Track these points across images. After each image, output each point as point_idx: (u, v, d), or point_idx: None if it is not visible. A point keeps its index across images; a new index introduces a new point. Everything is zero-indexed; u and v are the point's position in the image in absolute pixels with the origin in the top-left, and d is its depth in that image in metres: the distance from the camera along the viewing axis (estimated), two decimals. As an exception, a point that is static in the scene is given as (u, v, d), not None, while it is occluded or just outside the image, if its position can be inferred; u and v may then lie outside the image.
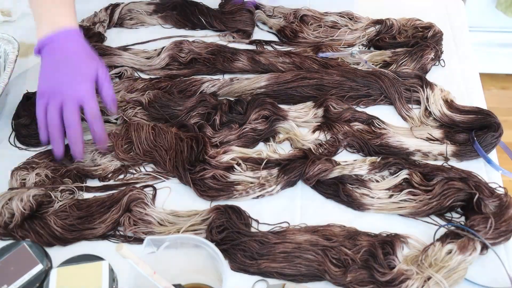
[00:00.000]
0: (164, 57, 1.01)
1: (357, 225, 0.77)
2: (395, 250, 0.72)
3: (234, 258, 0.74)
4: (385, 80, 0.93)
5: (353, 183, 0.81)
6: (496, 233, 0.73)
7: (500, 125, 0.85)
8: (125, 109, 0.92)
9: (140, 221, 0.78)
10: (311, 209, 0.81)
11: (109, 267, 0.69)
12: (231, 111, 0.91)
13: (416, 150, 0.85)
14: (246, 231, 0.76)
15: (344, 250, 0.73)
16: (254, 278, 0.73)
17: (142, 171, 0.86)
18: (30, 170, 0.83)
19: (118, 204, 0.79)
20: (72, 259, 0.69)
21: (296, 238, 0.75)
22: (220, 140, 0.88)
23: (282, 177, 0.82)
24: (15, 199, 0.78)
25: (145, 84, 0.97)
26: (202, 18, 1.09)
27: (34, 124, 0.90)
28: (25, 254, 0.70)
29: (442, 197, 0.77)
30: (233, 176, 0.82)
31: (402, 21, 1.06)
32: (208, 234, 0.76)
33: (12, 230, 0.77)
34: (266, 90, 0.95)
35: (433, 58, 0.98)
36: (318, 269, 0.72)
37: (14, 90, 0.98)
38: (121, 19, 1.12)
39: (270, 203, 0.81)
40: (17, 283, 0.67)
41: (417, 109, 0.93)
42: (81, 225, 0.78)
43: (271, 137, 0.89)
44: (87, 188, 0.84)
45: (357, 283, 0.70)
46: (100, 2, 1.15)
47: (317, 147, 0.87)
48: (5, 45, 0.96)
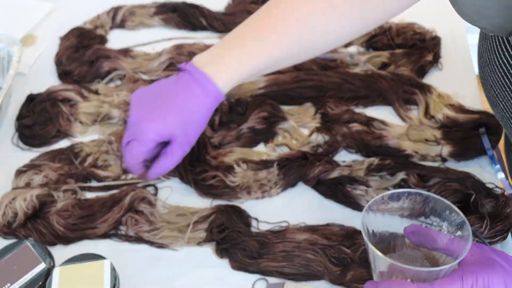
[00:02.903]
0: (164, 60, 1.02)
1: (356, 225, 0.78)
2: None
3: (234, 257, 0.75)
4: (383, 81, 0.94)
5: (352, 184, 0.82)
6: (492, 233, 0.73)
7: (500, 128, 0.85)
8: (126, 110, 0.93)
9: (143, 220, 0.78)
10: (311, 208, 0.81)
11: (111, 266, 0.69)
12: (231, 111, 0.92)
13: (414, 151, 0.86)
14: (246, 231, 0.77)
15: (343, 249, 0.73)
16: (254, 277, 0.74)
17: (144, 171, 0.87)
18: (37, 171, 0.84)
19: (120, 204, 0.79)
20: (74, 258, 0.70)
21: (295, 237, 0.75)
22: (218, 141, 0.89)
23: (283, 178, 0.82)
24: (18, 199, 0.79)
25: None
26: (203, 20, 1.10)
27: (37, 125, 0.91)
28: (28, 253, 0.70)
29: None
30: (234, 177, 0.83)
31: (401, 24, 1.07)
32: (208, 233, 0.77)
33: (15, 230, 0.78)
34: (265, 91, 0.95)
35: (431, 61, 0.99)
36: (317, 268, 0.73)
37: (18, 91, 0.98)
38: (122, 21, 1.13)
39: (270, 203, 0.82)
40: (20, 282, 0.68)
41: (416, 110, 0.93)
42: (83, 225, 0.79)
43: (270, 138, 0.90)
44: (90, 188, 0.84)
45: (356, 282, 0.71)
46: (100, 2, 1.15)
47: (316, 148, 0.87)
48: (8, 47, 0.97)
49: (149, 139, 0.71)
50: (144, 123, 0.71)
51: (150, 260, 0.77)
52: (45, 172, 0.84)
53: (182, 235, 0.77)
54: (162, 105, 0.72)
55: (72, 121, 0.92)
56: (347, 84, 0.95)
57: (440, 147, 0.86)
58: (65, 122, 0.92)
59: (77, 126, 0.92)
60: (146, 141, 0.71)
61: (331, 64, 1.01)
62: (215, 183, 0.82)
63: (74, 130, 0.92)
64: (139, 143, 0.72)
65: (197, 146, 0.85)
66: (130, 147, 0.72)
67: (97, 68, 1.00)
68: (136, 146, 0.72)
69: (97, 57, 1.02)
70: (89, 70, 1.01)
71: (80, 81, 1.00)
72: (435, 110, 0.91)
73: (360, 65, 1.00)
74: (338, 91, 0.95)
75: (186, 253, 0.77)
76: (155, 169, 0.74)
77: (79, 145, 0.89)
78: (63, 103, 0.94)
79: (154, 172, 0.75)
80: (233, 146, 0.89)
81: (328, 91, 0.95)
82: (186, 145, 0.74)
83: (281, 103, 0.95)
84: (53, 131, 0.91)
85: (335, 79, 0.95)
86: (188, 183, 0.83)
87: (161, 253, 0.77)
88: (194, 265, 0.76)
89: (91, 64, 1.02)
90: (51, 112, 0.92)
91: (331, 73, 0.96)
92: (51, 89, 0.96)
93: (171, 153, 0.73)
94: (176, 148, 0.73)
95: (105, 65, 1.01)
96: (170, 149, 0.73)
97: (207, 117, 0.75)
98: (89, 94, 0.96)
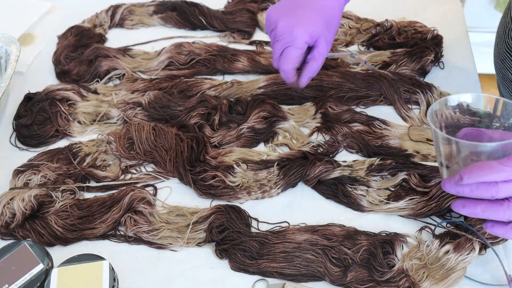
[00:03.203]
0: (164, 59, 1.01)
1: (357, 225, 0.78)
2: (394, 249, 0.73)
3: (234, 257, 0.74)
4: (385, 81, 0.94)
5: (352, 184, 0.81)
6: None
7: None
8: (125, 110, 0.92)
9: (142, 221, 0.78)
10: (311, 208, 0.81)
11: (110, 266, 0.69)
12: (231, 111, 0.92)
13: (416, 151, 0.86)
14: (246, 231, 0.76)
15: (344, 250, 0.73)
16: (254, 278, 0.73)
17: (143, 171, 0.86)
18: (35, 171, 0.83)
19: (119, 204, 0.79)
20: (72, 259, 0.70)
21: (296, 238, 0.75)
22: (218, 141, 0.88)
23: (283, 178, 0.82)
24: (16, 199, 0.78)
25: (145, 84, 0.97)
26: (203, 19, 1.10)
27: (35, 124, 0.91)
28: (26, 254, 0.70)
29: (441, 199, 0.78)
30: (234, 177, 0.82)
31: (402, 23, 1.06)
32: (208, 234, 0.76)
33: (13, 230, 0.77)
34: (265, 91, 0.95)
35: (433, 60, 0.99)
36: (318, 268, 0.72)
37: (15, 90, 0.98)
38: (121, 20, 1.12)
39: (270, 203, 0.82)
40: (18, 283, 0.68)
41: (417, 109, 0.93)
42: (82, 225, 0.78)
43: (270, 138, 0.90)
44: (88, 188, 0.84)
45: (357, 283, 0.71)
46: (99, 1, 1.15)
47: (316, 148, 0.87)
48: (6, 46, 0.96)
49: (303, 42, 0.79)
50: (296, 29, 0.79)
51: (149, 261, 0.76)
52: (43, 172, 0.83)
53: (182, 235, 0.77)
54: (306, 10, 0.80)
55: (71, 121, 0.92)
56: (348, 84, 0.94)
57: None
58: (63, 122, 0.91)
59: (75, 125, 0.92)
60: (301, 44, 0.79)
61: (332, 63, 1.00)
62: (215, 183, 0.82)
63: (72, 130, 0.91)
64: (294, 48, 0.79)
65: (196, 146, 0.85)
66: (286, 54, 0.80)
67: (95, 67, 1.00)
68: (292, 51, 0.80)
69: (95, 56, 1.01)
70: (87, 69, 1.00)
71: (78, 81, 1.00)
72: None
73: (361, 64, 1.00)
74: (338, 90, 0.94)
75: (186, 254, 0.77)
76: (306, 73, 0.83)
77: (78, 145, 0.88)
78: (61, 102, 0.93)
79: (306, 76, 0.84)
80: (233, 146, 0.88)
81: (329, 90, 0.94)
82: (328, 45, 0.82)
83: (281, 102, 0.94)
84: (51, 130, 0.91)
85: (336, 78, 0.95)
86: (188, 183, 0.83)
87: (160, 253, 0.77)
88: (194, 266, 0.75)
89: (89, 63, 1.01)
90: (49, 111, 0.92)
91: (331, 72, 0.96)
92: (49, 89, 0.95)
93: (317, 54, 0.81)
94: (321, 49, 0.81)
95: (104, 64, 1.00)
96: (316, 51, 0.81)
97: (340, 16, 0.84)
98: (88, 93, 0.96)
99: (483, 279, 0.72)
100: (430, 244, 0.73)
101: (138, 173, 0.86)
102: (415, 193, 0.79)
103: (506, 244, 0.75)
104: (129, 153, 0.86)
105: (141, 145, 0.86)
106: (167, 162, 0.84)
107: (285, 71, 0.82)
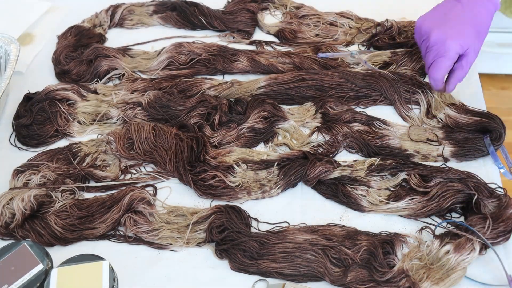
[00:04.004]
0: (164, 59, 1.01)
1: (357, 225, 0.78)
2: (395, 249, 0.73)
3: (234, 258, 0.74)
4: (385, 81, 0.94)
5: (353, 184, 0.81)
6: (495, 233, 0.73)
7: (502, 135, 0.85)
8: (125, 110, 0.92)
9: (142, 221, 0.78)
10: (311, 209, 0.81)
11: (110, 266, 0.69)
12: (230, 111, 0.92)
13: (416, 151, 0.86)
14: (246, 231, 0.76)
15: (344, 250, 0.73)
16: (254, 278, 0.73)
17: (142, 171, 0.86)
18: (35, 171, 0.83)
19: (119, 204, 0.79)
20: (72, 259, 0.70)
21: (296, 238, 0.75)
22: (218, 141, 0.88)
23: (283, 179, 0.82)
24: (16, 199, 0.78)
25: (145, 84, 0.97)
26: (203, 19, 1.10)
27: (34, 124, 0.91)
28: (26, 254, 0.70)
29: (441, 199, 0.78)
30: (233, 177, 0.82)
31: (402, 23, 1.06)
32: (208, 234, 0.76)
33: (13, 230, 0.77)
34: (265, 91, 0.95)
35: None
36: (318, 269, 0.72)
37: (15, 90, 0.98)
38: (121, 19, 1.12)
39: (270, 203, 0.82)
40: (17, 283, 0.68)
41: (417, 109, 0.93)
42: (82, 225, 0.78)
43: (270, 137, 0.90)
44: (88, 188, 0.84)
45: (357, 283, 0.71)
46: (99, 1, 1.15)
47: (316, 148, 0.87)
48: (6, 46, 0.96)
49: (455, 53, 0.84)
50: (449, 41, 0.84)
51: (149, 261, 0.76)
52: (43, 172, 0.83)
53: (182, 235, 0.77)
54: (459, 21, 0.85)
55: (70, 121, 0.92)
56: (348, 84, 0.94)
57: (442, 147, 0.85)
58: (63, 122, 0.91)
59: (75, 125, 0.92)
60: (453, 56, 0.84)
61: (332, 63, 1.00)
62: (215, 183, 0.82)
63: (72, 130, 0.91)
64: (446, 59, 0.84)
65: (196, 146, 0.85)
66: (437, 64, 0.85)
67: (95, 67, 1.00)
68: (443, 62, 0.85)
69: (95, 56, 1.01)
70: (87, 69, 1.00)
71: (78, 80, 1.00)
72: (436, 110, 0.91)
73: (361, 64, 1.00)
74: (339, 90, 0.94)
75: (186, 254, 0.77)
76: (453, 81, 0.87)
77: (78, 145, 0.88)
78: (61, 102, 0.93)
79: (453, 84, 0.88)
80: (233, 146, 0.88)
81: (329, 90, 0.94)
82: (476, 54, 0.86)
83: (281, 102, 0.94)
84: (51, 130, 0.91)
85: (336, 78, 0.95)
86: (188, 183, 0.83)
87: (160, 254, 0.77)
88: (194, 266, 0.75)
89: (89, 63, 1.01)
90: (49, 111, 0.92)
91: (332, 72, 0.96)
92: (49, 88, 0.95)
93: (465, 63, 0.86)
94: (470, 58, 0.86)
95: (103, 64, 1.00)
96: (465, 60, 0.86)
97: (490, 24, 0.88)
98: (88, 93, 0.96)
99: (483, 279, 0.72)
100: (431, 244, 0.73)
101: (138, 173, 0.86)
102: (415, 193, 0.80)
103: (506, 244, 0.75)
104: (129, 153, 0.86)
105: (141, 145, 0.86)
106: (167, 162, 0.84)
107: (435, 79, 0.87)
